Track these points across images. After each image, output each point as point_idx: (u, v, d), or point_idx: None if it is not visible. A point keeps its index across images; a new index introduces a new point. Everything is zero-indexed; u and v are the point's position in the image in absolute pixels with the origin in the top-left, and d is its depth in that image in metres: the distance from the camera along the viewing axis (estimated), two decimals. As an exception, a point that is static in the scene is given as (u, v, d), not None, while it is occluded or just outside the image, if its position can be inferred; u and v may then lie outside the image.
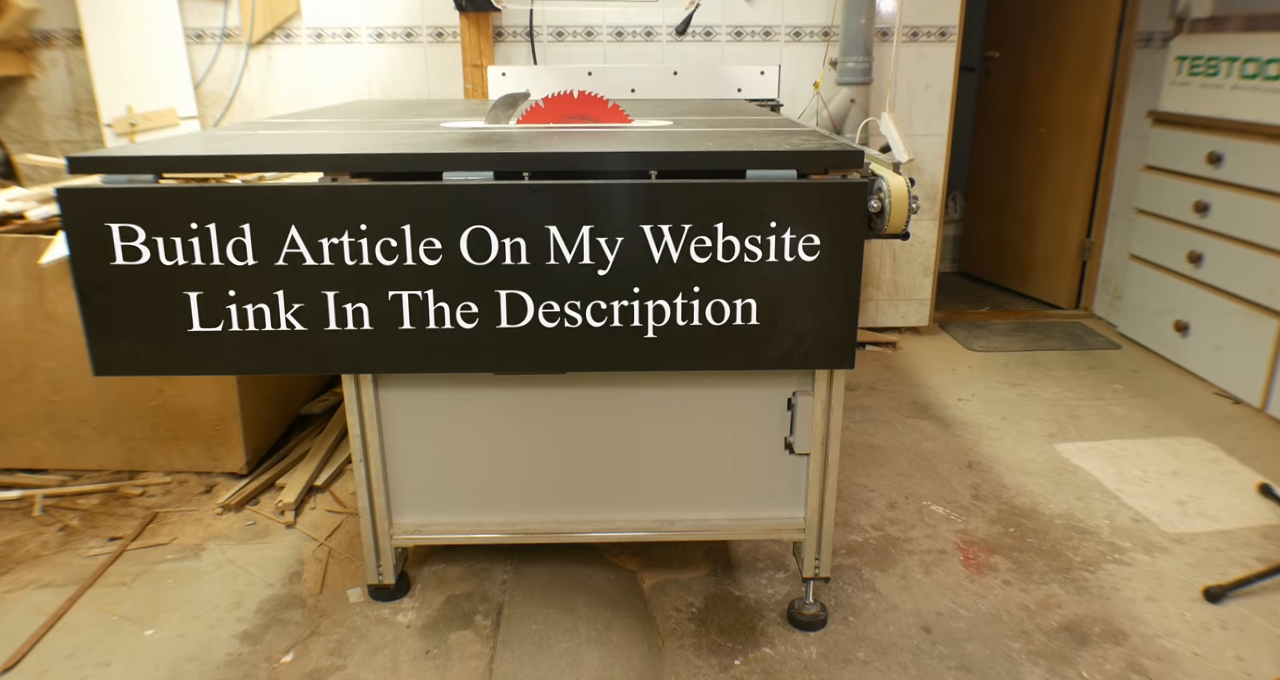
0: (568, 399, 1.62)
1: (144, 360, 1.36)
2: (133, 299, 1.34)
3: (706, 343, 1.37)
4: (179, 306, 1.34)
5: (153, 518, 2.08)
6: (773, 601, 1.77)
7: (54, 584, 1.82)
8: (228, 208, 1.30)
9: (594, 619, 1.70)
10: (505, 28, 3.18)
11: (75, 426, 2.22)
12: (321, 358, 1.37)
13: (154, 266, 1.32)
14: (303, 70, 3.24)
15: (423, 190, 1.31)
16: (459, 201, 1.31)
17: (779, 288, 1.34)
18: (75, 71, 3.21)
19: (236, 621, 1.71)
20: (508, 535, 1.69)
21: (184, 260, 1.32)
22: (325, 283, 1.33)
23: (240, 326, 1.35)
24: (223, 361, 1.37)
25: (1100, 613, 1.74)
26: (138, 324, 1.35)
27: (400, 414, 1.61)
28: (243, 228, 1.31)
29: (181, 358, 1.37)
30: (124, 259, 1.32)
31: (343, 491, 2.20)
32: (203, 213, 1.30)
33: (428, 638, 1.65)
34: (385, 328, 1.35)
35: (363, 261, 1.32)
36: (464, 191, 1.31)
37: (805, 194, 1.32)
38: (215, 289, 1.33)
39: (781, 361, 1.38)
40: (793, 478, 1.66)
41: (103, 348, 1.36)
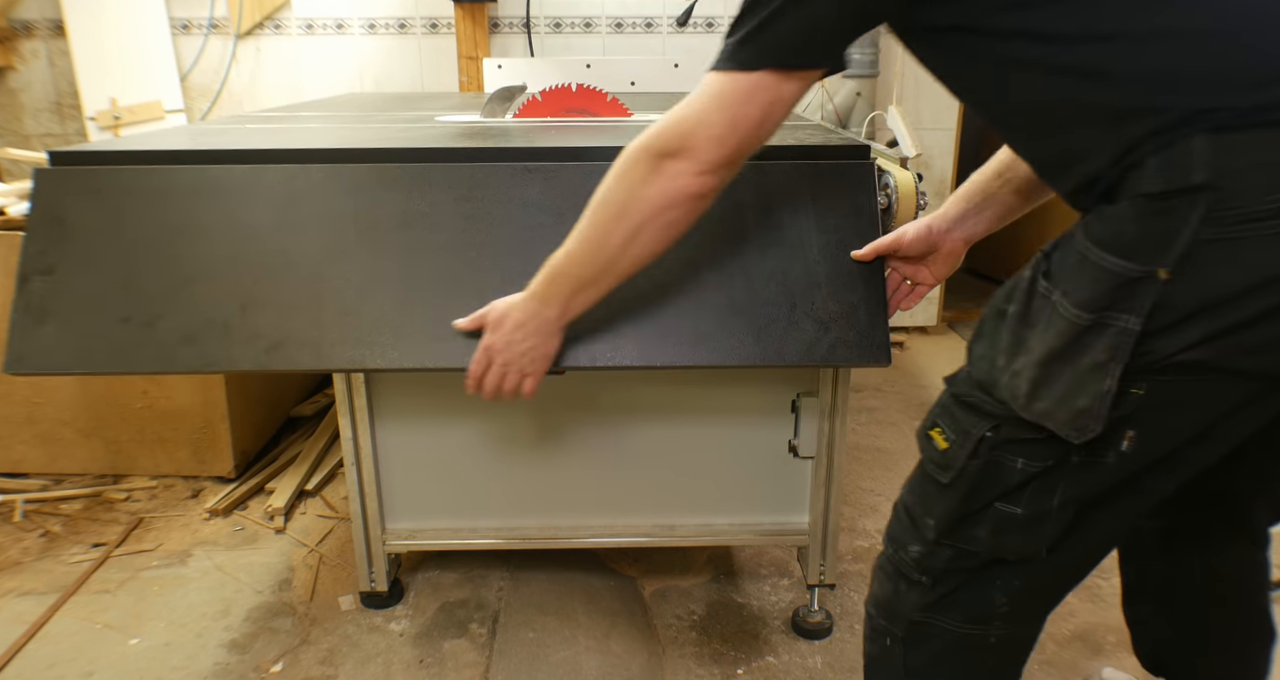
0: (566, 400, 1.62)
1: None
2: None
3: (720, 335, 1.28)
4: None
5: (138, 523, 2.08)
6: (776, 609, 1.77)
7: (35, 592, 1.82)
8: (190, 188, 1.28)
9: (593, 627, 1.70)
10: (501, 19, 3.18)
11: (57, 429, 2.22)
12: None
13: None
14: (292, 62, 3.24)
15: (409, 172, 1.30)
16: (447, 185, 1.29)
17: (795, 272, 1.27)
18: (57, 63, 3.21)
19: (224, 630, 1.71)
20: (504, 541, 1.69)
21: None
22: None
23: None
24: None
25: (1114, 621, 1.74)
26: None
27: (393, 416, 1.61)
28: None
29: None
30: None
31: (334, 496, 2.20)
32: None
33: (421, 646, 1.65)
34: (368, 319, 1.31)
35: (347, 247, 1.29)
36: (454, 173, 1.29)
37: (812, 175, 1.29)
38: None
39: (806, 354, 1.26)
40: (797, 482, 1.66)
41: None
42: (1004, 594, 0.94)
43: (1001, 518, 0.90)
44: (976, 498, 0.90)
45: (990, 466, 0.88)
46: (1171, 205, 0.75)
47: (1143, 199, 0.76)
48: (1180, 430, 0.83)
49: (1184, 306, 0.76)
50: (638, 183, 0.96)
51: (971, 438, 0.89)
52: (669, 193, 0.95)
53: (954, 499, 0.91)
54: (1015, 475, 0.87)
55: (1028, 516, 0.88)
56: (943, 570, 0.95)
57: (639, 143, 0.96)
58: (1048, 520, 0.88)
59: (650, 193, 0.95)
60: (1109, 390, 0.79)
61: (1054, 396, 0.82)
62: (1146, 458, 0.84)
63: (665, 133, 0.93)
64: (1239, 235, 0.73)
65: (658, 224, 0.98)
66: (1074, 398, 0.81)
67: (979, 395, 0.89)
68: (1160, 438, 0.84)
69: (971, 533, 0.92)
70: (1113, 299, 0.77)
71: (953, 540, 0.93)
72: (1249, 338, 0.76)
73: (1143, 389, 0.80)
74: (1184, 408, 0.82)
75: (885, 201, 1.45)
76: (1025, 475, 0.87)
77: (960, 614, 0.96)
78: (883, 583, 1.02)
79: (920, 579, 0.96)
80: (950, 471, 0.91)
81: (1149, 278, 0.76)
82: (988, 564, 0.93)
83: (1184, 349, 0.77)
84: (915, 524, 0.97)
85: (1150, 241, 0.76)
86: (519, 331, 1.12)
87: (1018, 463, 0.87)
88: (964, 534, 0.92)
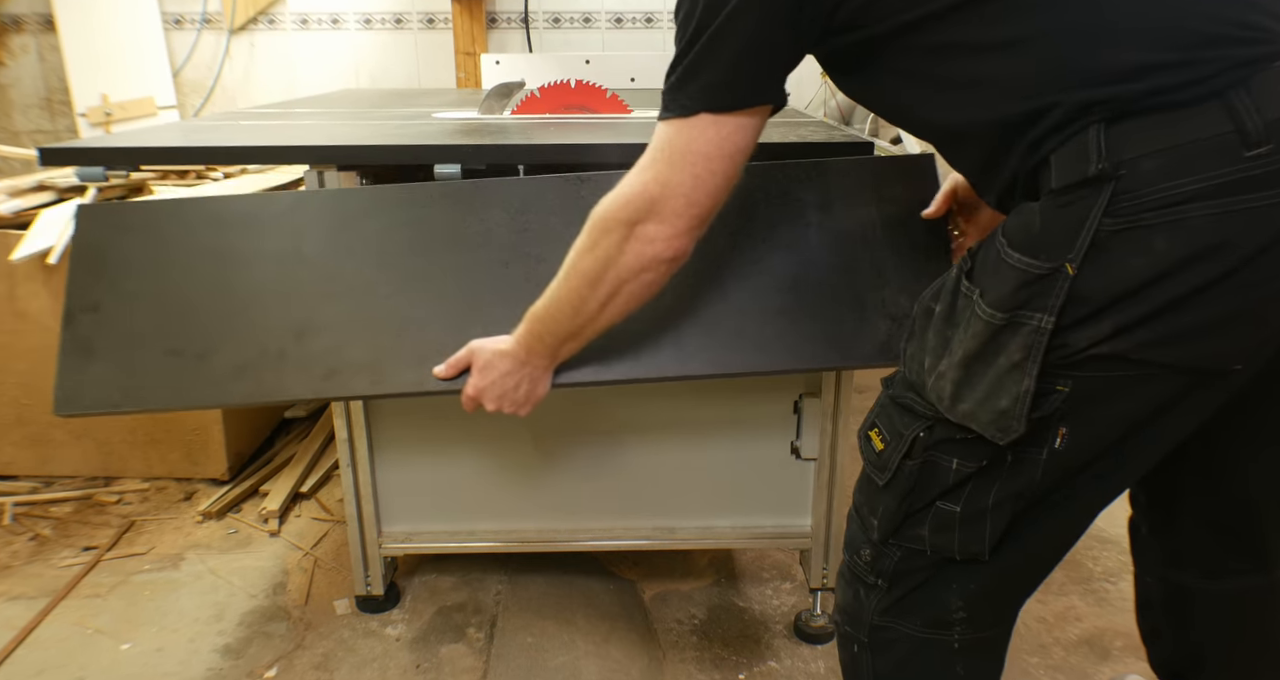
0: (565, 401, 1.62)
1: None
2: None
3: (790, 337, 1.22)
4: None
5: (129, 526, 2.08)
6: (779, 613, 1.77)
7: (25, 596, 1.82)
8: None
9: (592, 631, 1.70)
10: (499, 13, 3.18)
11: (48, 430, 2.22)
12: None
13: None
14: (287, 58, 3.24)
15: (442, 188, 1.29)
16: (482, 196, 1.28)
17: (862, 269, 1.22)
18: (47, 58, 3.21)
19: (217, 635, 1.71)
20: (502, 544, 1.69)
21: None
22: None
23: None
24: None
25: (1122, 626, 1.74)
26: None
27: (389, 418, 1.61)
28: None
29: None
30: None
31: (329, 498, 2.20)
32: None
33: (418, 651, 1.65)
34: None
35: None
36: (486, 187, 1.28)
37: (873, 171, 1.27)
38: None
39: (881, 352, 1.21)
40: (799, 484, 1.66)
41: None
42: (959, 597, 0.95)
43: (941, 516, 0.91)
44: (916, 498, 0.91)
45: (926, 467, 0.90)
46: (1074, 197, 0.76)
47: (1050, 195, 0.78)
48: (1111, 426, 0.84)
49: (1094, 300, 0.77)
50: (612, 252, 0.97)
51: (905, 439, 0.90)
52: (645, 258, 0.96)
53: (893, 499, 0.92)
54: (951, 475, 0.89)
55: (965, 514, 0.89)
56: (894, 572, 0.96)
57: (608, 212, 0.97)
58: (985, 518, 0.89)
59: (627, 260, 0.97)
60: (1027, 390, 0.80)
61: (975, 398, 0.83)
62: (1081, 455, 0.85)
63: (634, 202, 0.94)
64: (1142, 223, 0.74)
65: (634, 286, 1.00)
66: (995, 399, 0.81)
67: (911, 396, 0.91)
68: (1091, 434, 0.84)
69: (915, 532, 0.93)
70: (1024, 298, 0.78)
71: (898, 540, 0.94)
72: (1159, 328, 0.76)
73: (1067, 386, 0.81)
74: (1110, 403, 0.82)
75: (889, 199, 1.45)
76: (961, 475, 0.88)
77: (919, 618, 0.97)
78: (844, 589, 1.03)
79: (876, 582, 0.98)
80: (887, 472, 0.92)
81: (1057, 273, 0.77)
82: (937, 565, 0.94)
83: (1097, 342, 0.78)
84: (864, 526, 0.98)
85: (1056, 237, 0.77)
86: (509, 379, 1.15)
87: (952, 463, 0.88)
88: (908, 533, 0.93)
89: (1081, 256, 0.76)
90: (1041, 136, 0.78)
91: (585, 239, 1.00)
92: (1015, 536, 0.90)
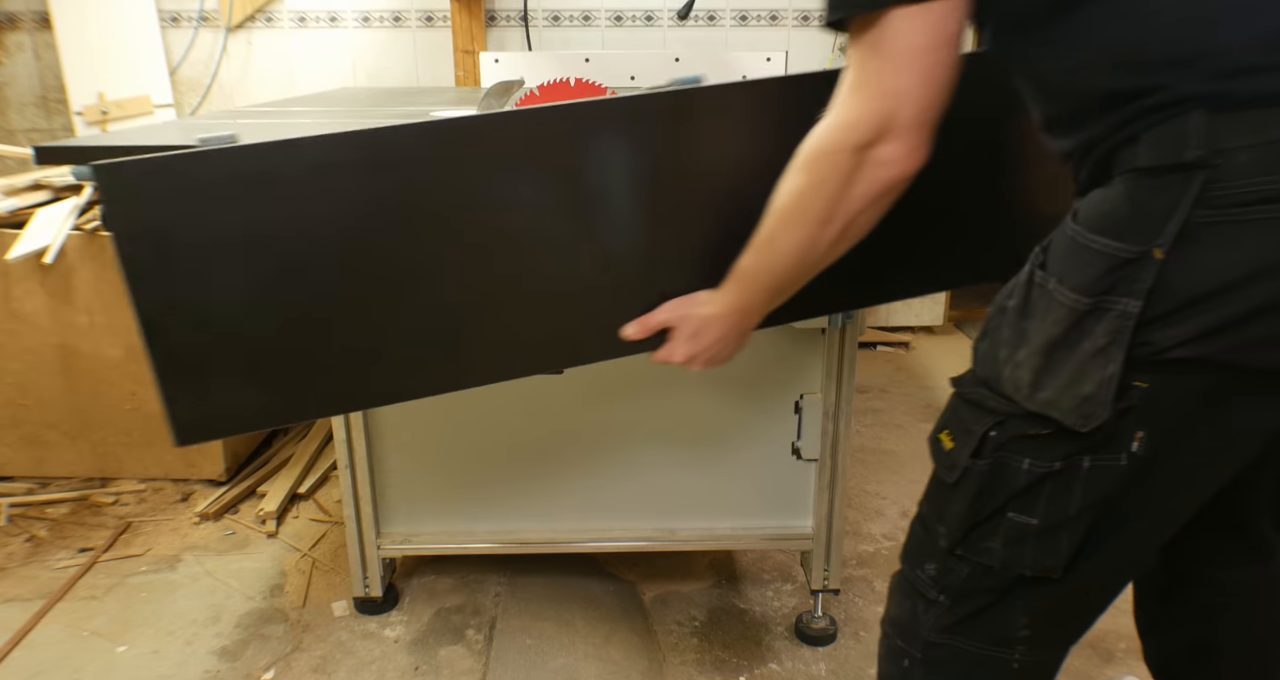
0: (564, 401, 1.62)
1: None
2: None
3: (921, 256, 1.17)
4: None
5: (126, 527, 2.08)
6: (779, 615, 1.77)
7: (20, 598, 1.82)
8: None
9: (591, 633, 1.70)
10: (498, 12, 3.18)
11: (43, 431, 2.22)
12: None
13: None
14: (284, 55, 3.24)
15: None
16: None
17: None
18: (43, 56, 3.21)
19: (214, 637, 1.71)
20: (501, 545, 1.69)
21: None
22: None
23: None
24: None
25: (1126, 628, 1.74)
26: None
27: (388, 417, 1.61)
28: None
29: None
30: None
31: (327, 499, 2.20)
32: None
33: (417, 653, 1.65)
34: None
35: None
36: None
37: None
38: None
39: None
40: (800, 485, 1.66)
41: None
42: (1026, 614, 0.93)
43: (1015, 527, 0.89)
44: (985, 501, 0.90)
45: (997, 467, 0.88)
46: (1165, 182, 0.74)
47: (1134, 174, 0.77)
48: (1192, 431, 0.83)
49: (1181, 293, 0.75)
50: (841, 185, 0.88)
51: (974, 434, 0.88)
52: (882, 182, 0.87)
53: (961, 501, 0.91)
54: (1021, 477, 0.87)
55: (1042, 526, 0.87)
56: (960, 589, 0.94)
57: (828, 144, 0.87)
58: (1063, 530, 0.87)
59: (860, 191, 0.88)
60: (1112, 375, 0.79)
61: (1057, 385, 0.82)
62: (1161, 461, 0.84)
63: (860, 124, 0.84)
64: (1234, 218, 0.73)
65: (869, 215, 0.91)
66: (1078, 384, 0.80)
67: (983, 392, 0.89)
68: (1171, 438, 0.83)
69: (985, 544, 0.91)
70: (1110, 282, 0.77)
71: (966, 552, 0.93)
72: (1244, 333, 0.75)
73: (1146, 382, 0.80)
74: (1191, 406, 0.81)
75: (891, 198, 1.45)
76: (1032, 477, 0.87)
77: (981, 636, 0.95)
78: (899, 602, 1.01)
79: (938, 598, 0.95)
80: (955, 471, 0.90)
81: (1144, 258, 0.75)
82: (1007, 583, 0.92)
83: (1181, 343, 0.77)
84: (930, 535, 0.96)
85: (1143, 220, 0.75)
86: (721, 343, 1.09)
87: (1024, 463, 0.87)
88: (978, 546, 0.92)
89: (1170, 243, 0.74)
90: (1138, 114, 0.76)
91: (803, 178, 0.90)
92: (1088, 552, 0.88)
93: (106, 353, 2.14)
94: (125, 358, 2.15)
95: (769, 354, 1.58)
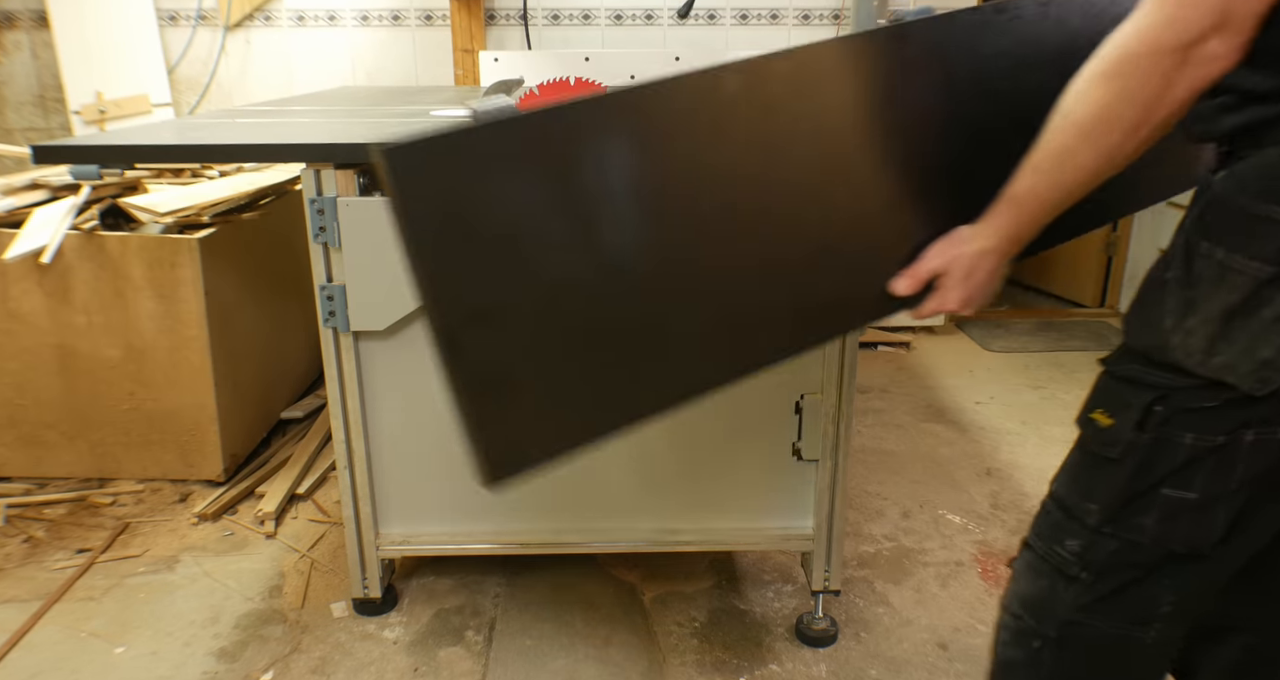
0: (564, 402, 1.62)
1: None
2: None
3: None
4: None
5: (124, 528, 2.08)
6: (780, 616, 1.77)
7: (17, 599, 1.82)
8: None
9: (591, 635, 1.70)
10: (498, 10, 3.18)
11: (41, 431, 2.22)
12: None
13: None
14: (283, 54, 3.24)
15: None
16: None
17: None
18: (40, 55, 3.21)
19: (213, 638, 1.71)
20: (500, 546, 1.69)
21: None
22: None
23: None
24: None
25: (1126, 628, 1.74)
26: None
27: (387, 417, 1.61)
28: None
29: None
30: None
31: (326, 500, 2.20)
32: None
33: (416, 654, 1.66)
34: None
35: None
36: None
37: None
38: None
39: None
40: (801, 485, 1.66)
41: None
42: (1172, 591, 0.93)
43: (1170, 503, 0.90)
44: (1142, 478, 0.90)
45: (1159, 443, 0.89)
46: None
47: None
48: None
49: None
50: (1161, 87, 0.83)
51: (1135, 409, 0.89)
52: (1207, 80, 0.83)
53: (1122, 476, 0.91)
54: (1182, 453, 0.88)
55: (1200, 501, 0.89)
56: (1105, 564, 0.94)
57: (1145, 45, 0.83)
58: (1220, 505, 0.88)
59: (1179, 92, 0.84)
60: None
61: (1235, 350, 0.84)
62: None
63: (1190, 18, 0.80)
64: None
65: (1173, 119, 0.88)
66: (1257, 349, 0.82)
67: (1139, 367, 0.90)
68: None
69: (1137, 520, 0.92)
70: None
71: (1116, 529, 0.93)
72: None
73: None
74: None
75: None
76: (1194, 452, 0.88)
77: (1121, 614, 0.95)
78: (1033, 581, 1.00)
79: (1079, 574, 0.95)
80: (1118, 446, 0.91)
81: None
82: (1156, 558, 0.92)
83: None
84: (1072, 515, 0.96)
85: None
86: (992, 277, 1.05)
87: (1186, 438, 0.88)
88: (1130, 522, 0.92)
89: None
90: None
91: (1111, 85, 0.86)
92: (1242, 526, 0.90)
93: (104, 353, 2.15)
94: (123, 358, 2.15)
95: (769, 354, 1.58)
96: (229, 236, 2.21)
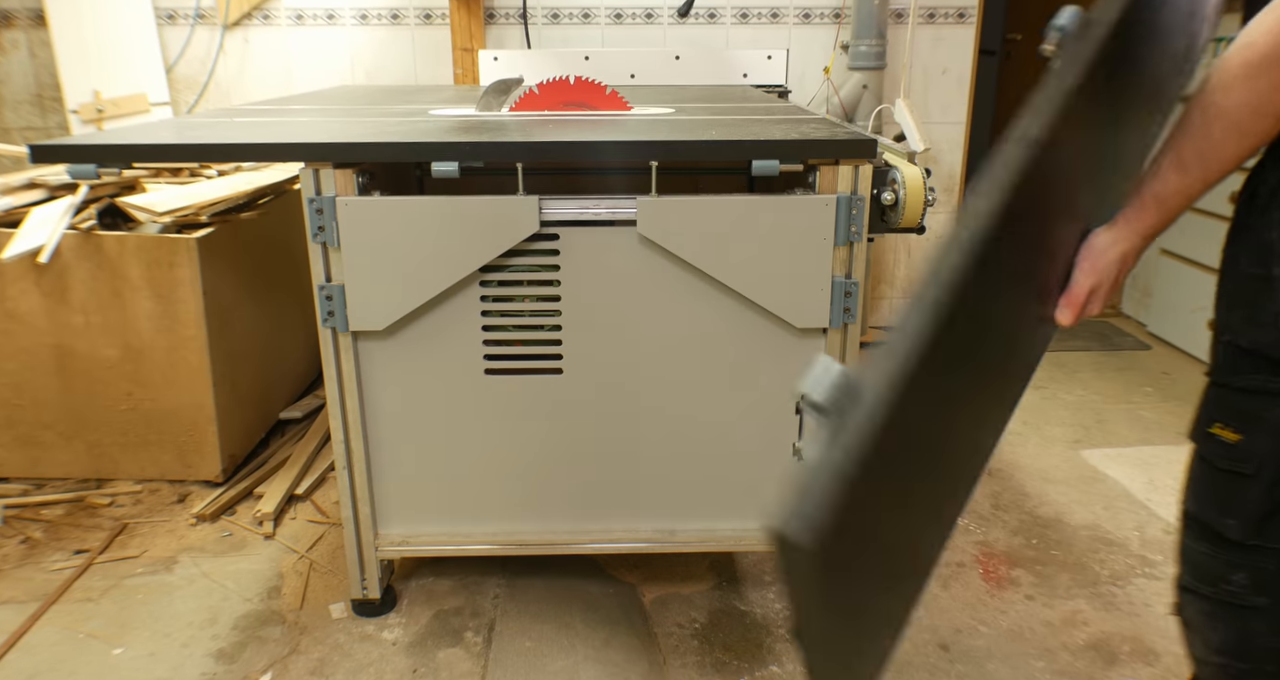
0: (564, 401, 1.62)
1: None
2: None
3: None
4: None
5: (122, 529, 2.08)
6: (780, 617, 1.77)
7: (15, 600, 1.82)
8: None
9: (591, 635, 1.70)
10: (497, 9, 3.18)
11: (38, 432, 2.22)
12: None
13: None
14: (282, 54, 3.24)
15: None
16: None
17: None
18: (38, 54, 3.21)
19: (211, 639, 1.71)
20: (500, 546, 1.70)
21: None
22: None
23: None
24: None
25: (1130, 630, 1.74)
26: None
27: (386, 418, 1.61)
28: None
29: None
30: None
31: (325, 501, 2.20)
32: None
33: (415, 656, 1.66)
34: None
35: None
36: None
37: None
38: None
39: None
40: (802, 486, 1.66)
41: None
42: None
43: None
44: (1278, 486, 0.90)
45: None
46: None
47: None
48: None
49: None
50: None
51: (1268, 421, 0.89)
52: None
53: (1256, 489, 0.91)
54: None
55: None
56: (1277, 582, 0.93)
57: None
58: None
59: None
60: None
61: None
62: None
63: None
64: None
65: None
66: None
67: (1263, 378, 0.89)
68: None
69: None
70: None
71: (1263, 541, 0.92)
72: None
73: None
74: None
75: (893, 197, 1.46)
76: None
77: None
78: (1221, 630, 0.98)
79: (1259, 602, 0.94)
80: (1251, 462, 0.90)
81: None
82: None
83: None
84: (1212, 537, 0.95)
85: None
86: (1124, 276, 1.01)
87: None
88: (1275, 533, 0.91)
89: None
90: None
91: (1271, 76, 0.83)
92: None
93: (102, 353, 2.15)
94: (121, 358, 2.15)
95: (770, 354, 1.59)
96: (227, 236, 2.21)
